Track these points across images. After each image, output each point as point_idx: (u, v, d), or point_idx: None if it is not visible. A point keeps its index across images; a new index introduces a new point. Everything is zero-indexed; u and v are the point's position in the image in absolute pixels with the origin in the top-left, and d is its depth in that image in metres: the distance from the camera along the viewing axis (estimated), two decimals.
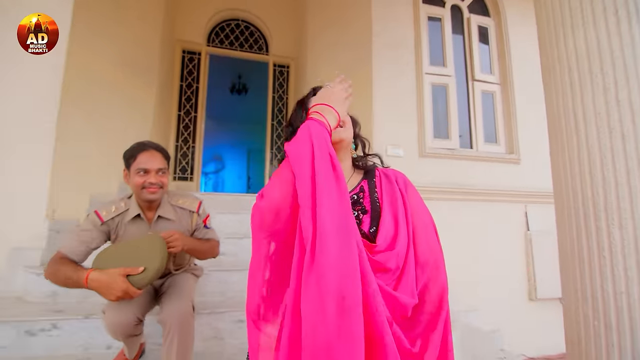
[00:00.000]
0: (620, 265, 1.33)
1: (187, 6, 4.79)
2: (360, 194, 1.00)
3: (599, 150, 1.41)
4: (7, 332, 1.78)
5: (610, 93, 1.40)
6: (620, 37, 1.41)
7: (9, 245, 2.27)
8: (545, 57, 1.70)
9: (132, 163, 1.54)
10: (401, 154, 3.14)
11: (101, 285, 1.31)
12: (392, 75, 3.22)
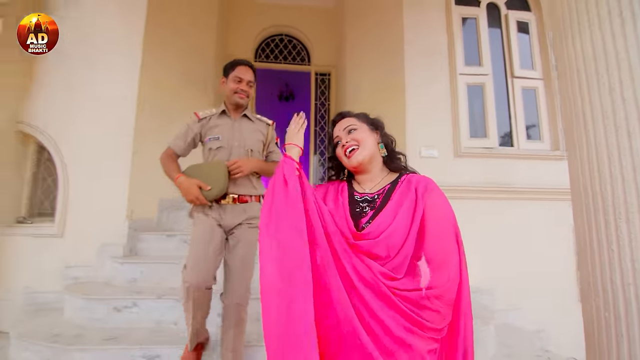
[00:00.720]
0: (627, 258, 1.39)
1: (237, 26, 5.26)
2: (380, 195, 1.12)
3: (606, 148, 1.48)
4: (100, 308, 2.23)
5: (616, 92, 1.46)
6: (625, 38, 1.47)
7: (98, 240, 2.79)
8: (558, 59, 1.77)
9: (230, 72, 1.88)
10: (436, 154, 3.24)
11: (183, 187, 1.73)
12: (425, 82, 3.34)
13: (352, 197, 1.15)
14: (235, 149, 1.87)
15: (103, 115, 3.03)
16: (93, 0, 3.18)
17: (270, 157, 2.00)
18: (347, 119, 1.23)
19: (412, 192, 1.07)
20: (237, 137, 1.88)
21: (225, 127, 1.88)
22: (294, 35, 5.56)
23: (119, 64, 3.14)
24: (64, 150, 2.94)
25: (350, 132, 1.18)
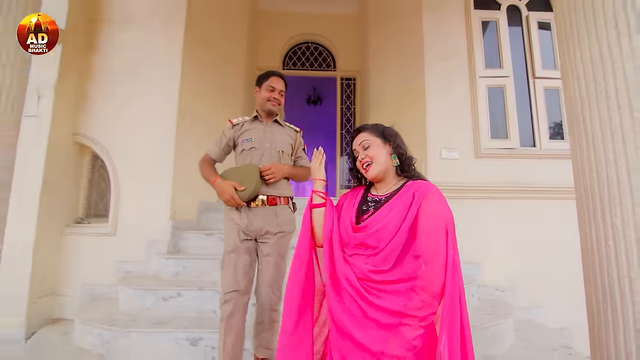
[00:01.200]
0: (622, 253, 1.50)
1: (265, 36, 5.56)
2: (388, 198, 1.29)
3: (604, 151, 1.59)
4: (149, 298, 2.55)
5: (612, 100, 1.57)
6: (621, 48, 1.57)
7: (146, 238, 3.14)
8: (561, 65, 1.88)
9: (264, 82, 2.07)
10: (456, 156, 3.35)
11: (219, 188, 1.89)
12: (445, 86, 3.45)
13: (364, 198, 1.35)
14: (267, 150, 2.02)
15: (147, 124, 3.38)
16: (139, 19, 3.53)
17: (299, 162, 2.17)
18: (362, 134, 1.37)
19: (409, 195, 1.21)
20: (268, 139, 2.03)
21: (257, 130, 2.05)
22: (320, 42, 5.79)
23: (160, 76, 3.47)
24: (114, 158, 3.31)
25: (366, 148, 1.34)
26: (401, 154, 1.34)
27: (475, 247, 3.17)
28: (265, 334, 1.92)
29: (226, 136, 2.08)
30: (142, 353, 2.19)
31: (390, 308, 1.12)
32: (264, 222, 1.94)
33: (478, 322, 2.43)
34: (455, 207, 3.12)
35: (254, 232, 1.94)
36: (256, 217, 1.93)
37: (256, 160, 1.99)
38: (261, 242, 1.96)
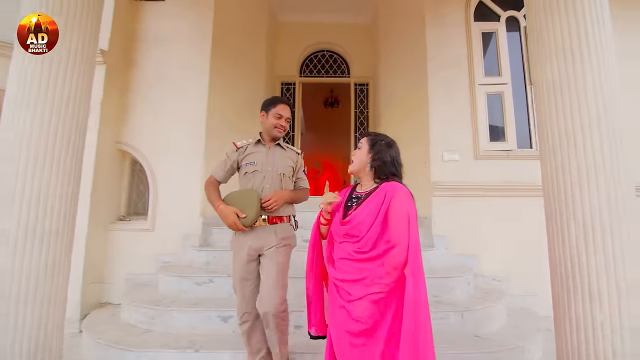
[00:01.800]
0: (574, 245, 1.79)
1: (283, 46, 5.95)
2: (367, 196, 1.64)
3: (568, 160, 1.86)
4: (185, 283, 2.98)
5: (575, 114, 1.85)
6: (583, 68, 1.87)
7: (180, 233, 3.58)
8: (533, 82, 2.17)
9: (271, 109, 2.15)
10: (457, 158, 3.65)
11: (222, 214, 2.01)
12: (447, 93, 3.75)
13: (350, 195, 1.72)
14: (269, 173, 2.12)
15: (179, 132, 3.82)
16: (172, 36, 3.97)
17: (299, 183, 2.29)
18: (363, 139, 1.76)
19: (382, 195, 1.57)
20: (270, 163, 2.14)
21: (260, 154, 2.15)
22: (334, 50, 6.14)
23: (190, 86, 3.89)
24: (152, 163, 3.77)
25: (356, 148, 1.75)
26: (378, 164, 1.66)
27: (473, 240, 3.48)
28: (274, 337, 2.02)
29: (230, 159, 2.19)
30: (182, 327, 2.62)
31: (365, 276, 1.51)
32: (264, 240, 2.06)
33: (470, 305, 2.74)
34: (456, 204, 3.46)
35: (256, 249, 2.06)
36: (257, 236, 2.06)
37: (258, 183, 2.10)
38: (262, 255, 2.09)
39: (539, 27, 2.06)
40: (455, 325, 2.61)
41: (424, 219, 3.65)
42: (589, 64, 1.84)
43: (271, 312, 1.94)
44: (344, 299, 1.53)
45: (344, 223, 1.62)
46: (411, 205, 1.53)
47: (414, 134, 4.00)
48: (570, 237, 1.82)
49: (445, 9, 3.96)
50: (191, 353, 2.31)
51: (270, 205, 2.03)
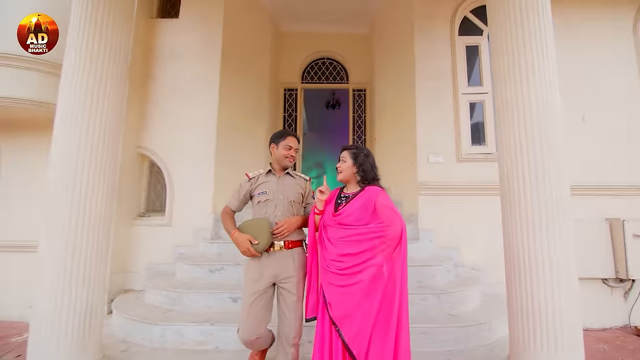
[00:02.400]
0: (519, 234, 2.20)
1: (286, 54, 6.36)
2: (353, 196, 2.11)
3: (516, 165, 2.28)
4: (200, 271, 3.43)
5: (522, 129, 2.28)
6: (529, 90, 2.29)
7: (194, 228, 4.03)
8: (495, 100, 2.59)
9: (281, 141, 2.32)
10: (441, 160, 4.06)
11: (236, 242, 2.16)
12: (432, 102, 4.16)
13: (339, 195, 2.16)
14: (280, 200, 2.26)
15: (193, 137, 4.26)
16: (185, 52, 4.41)
17: (308, 209, 2.40)
18: (344, 152, 2.21)
19: (367, 196, 2.05)
20: (281, 191, 2.28)
21: (271, 183, 2.31)
22: (334, 58, 6.54)
23: (202, 97, 4.31)
24: (168, 165, 4.22)
25: (340, 160, 2.19)
26: (362, 173, 2.14)
27: (455, 234, 3.89)
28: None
29: (243, 189, 2.35)
30: (199, 307, 3.07)
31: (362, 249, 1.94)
32: (283, 266, 2.19)
33: (447, 289, 3.16)
34: (440, 202, 3.90)
35: (273, 275, 2.18)
36: (276, 261, 2.19)
37: (271, 211, 2.25)
38: (281, 286, 2.19)
39: (497, 53, 2.48)
40: (433, 305, 3.04)
41: (411, 214, 4.07)
42: (533, 86, 2.25)
43: (291, 342, 2.14)
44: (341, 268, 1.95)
45: (336, 215, 2.06)
46: (389, 199, 2.04)
47: (402, 138, 4.42)
48: (517, 228, 2.25)
49: (433, 24, 4.36)
50: (208, 326, 2.76)
51: (281, 232, 2.18)
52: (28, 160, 4.29)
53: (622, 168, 4.18)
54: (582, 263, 3.84)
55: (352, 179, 2.16)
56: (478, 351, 2.72)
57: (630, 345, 3.43)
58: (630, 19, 4.53)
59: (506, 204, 2.37)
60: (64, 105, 2.43)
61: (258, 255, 2.16)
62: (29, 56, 3.75)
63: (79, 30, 2.50)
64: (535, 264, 2.14)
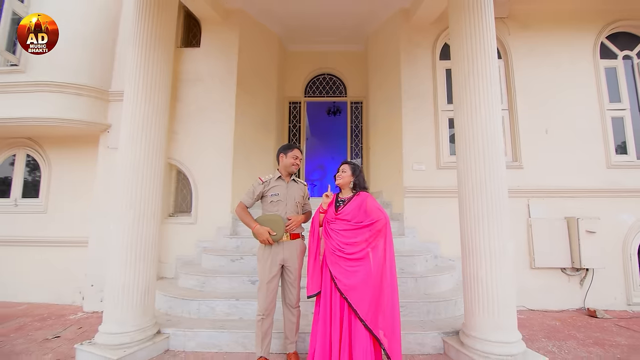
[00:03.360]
0: (469, 229, 2.94)
1: (291, 71, 7.11)
2: (348, 200, 2.86)
3: (468, 175, 3.02)
4: (223, 260, 4.19)
5: (471, 147, 3.01)
6: (479, 114, 3.02)
7: (215, 225, 4.80)
8: (455, 124, 3.32)
9: (289, 152, 2.95)
10: (423, 168, 4.80)
11: (257, 232, 2.75)
12: (416, 118, 4.90)
13: (337, 199, 2.90)
14: (289, 201, 2.92)
15: (213, 149, 5.02)
16: (206, 77, 5.17)
17: (305, 207, 3.11)
18: (344, 166, 2.94)
19: (360, 201, 2.78)
20: (289, 194, 2.95)
21: (281, 187, 2.95)
22: (334, 73, 7.29)
23: (220, 115, 5.05)
24: (193, 173, 4.98)
25: (339, 171, 2.92)
26: (356, 183, 2.89)
27: (435, 230, 4.63)
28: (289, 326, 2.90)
29: (257, 190, 2.93)
30: (224, 288, 3.82)
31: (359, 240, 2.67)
32: (290, 253, 2.86)
33: (426, 274, 3.90)
34: (422, 204, 4.74)
35: (283, 259, 2.83)
36: (285, 249, 2.85)
37: (282, 209, 2.89)
38: (287, 267, 2.87)
39: (456, 88, 3.24)
40: (411, 287, 3.78)
41: (398, 214, 4.82)
42: (479, 118, 2.98)
43: (294, 306, 2.90)
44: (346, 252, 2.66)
45: (337, 214, 2.81)
46: (376, 201, 2.80)
47: (391, 148, 5.17)
48: (467, 223, 2.99)
49: (416, 51, 5.11)
50: (234, 301, 3.52)
51: (290, 227, 2.86)
52: (75, 169, 5.10)
53: (579, 173, 4.90)
54: (545, 255, 4.62)
55: (347, 186, 2.90)
56: (445, 321, 3.46)
57: (579, 323, 4.15)
58: (590, 45, 5.24)
59: (461, 204, 3.11)
60: (127, 130, 3.20)
61: (274, 243, 2.79)
62: (79, 84, 4.58)
63: (136, 72, 3.27)
64: (480, 250, 2.87)
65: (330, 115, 10.66)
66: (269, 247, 2.83)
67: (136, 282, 3.02)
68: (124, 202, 3.08)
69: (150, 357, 2.98)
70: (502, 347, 2.71)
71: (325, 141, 11.73)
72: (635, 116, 5.19)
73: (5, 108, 4.50)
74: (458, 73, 3.23)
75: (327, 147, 11.93)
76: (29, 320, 4.08)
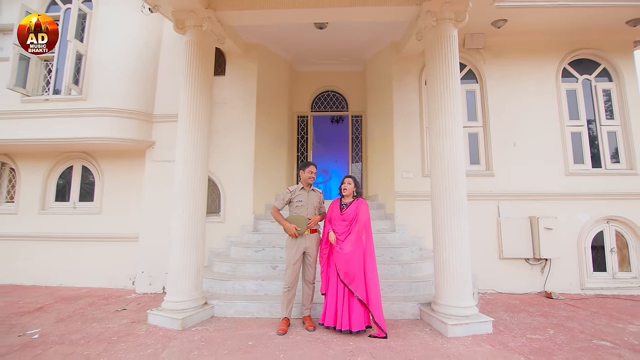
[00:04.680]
0: (438, 225, 3.97)
1: (299, 89, 8.13)
2: (349, 204, 3.90)
3: (437, 186, 4.05)
4: (248, 251, 5.24)
5: (439, 165, 4.03)
6: (445, 142, 4.02)
7: (241, 224, 5.84)
8: (429, 146, 4.33)
9: (306, 168, 3.95)
10: (411, 176, 5.81)
11: (287, 228, 3.79)
12: (405, 133, 5.92)
13: (340, 203, 3.94)
14: (309, 205, 3.95)
15: (237, 161, 6.05)
16: (230, 101, 6.22)
17: (321, 210, 4.07)
18: (348, 179, 3.99)
19: (357, 203, 3.84)
20: (310, 201, 3.97)
21: (303, 195, 3.98)
22: (337, 90, 8.31)
23: (242, 133, 6.10)
24: (221, 180, 6.02)
25: (344, 183, 3.96)
26: (357, 191, 3.95)
27: (420, 227, 5.64)
28: (306, 296, 3.93)
29: (286, 197, 3.99)
30: (251, 272, 4.86)
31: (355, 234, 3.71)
32: (310, 243, 3.88)
33: (411, 262, 4.92)
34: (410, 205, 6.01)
35: (305, 247, 3.86)
36: (306, 240, 3.88)
37: (304, 211, 3.92)
38: (307, 253, 3.89)
39: (430, 117, 4.24)
40: (398, 272, 4.79)
41: (390, 214, 5.84)
42: (446, 143, 3.99)
43: (311, 281, 3.95)
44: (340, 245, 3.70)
45: (342, 214, 3.84)
46: (366, 205, 3.84)
47: (385, 158, 6.19)
48: (437, 219, 4.00)
49: (406, 78, 6.13)
50: (260, 281, 4.57)
51: (311, 225, 3.90)
52: (123, 177, 6.18)
53: (542, 180, 5.90)
54: (511, 248, 5.62)
55: (351, 194, 3.93)
56: (422, 296, 4.46)
57: (535, 302, 5.14)
58: (554, 70, 6.22)
59: (432, 206, 4.12)
60: (181, 152, 4.25)
61: (298, 236, 3.86)
62: (130, 109, 5.65)
63: (186, 109, 4.32)
64: (445, 240, 3.88)
65: (333, 123, 11.68)
66: (295, 238, 3.86)
67: (190, 265, 4.07)
68: (181, 206, 4.13)
69: (202, 320, 4.03)
70: (459, 310, 3.73)
71: (329, 146, 12.72)
72: (592, 130, 6.18)
73: (71, 130, 5.58)
74: (430, 107, 4.25)
75: (331, 152, 12.93)
76: (95, 299, 5.15)
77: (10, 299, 5.12)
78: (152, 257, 5.65)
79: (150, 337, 3.59)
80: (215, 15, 4.60)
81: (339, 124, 11.60)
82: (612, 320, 4.25)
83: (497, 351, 3.26)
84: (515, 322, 4.14)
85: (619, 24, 5.88)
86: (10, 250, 6.16)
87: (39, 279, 6.02)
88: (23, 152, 6.36)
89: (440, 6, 4.20)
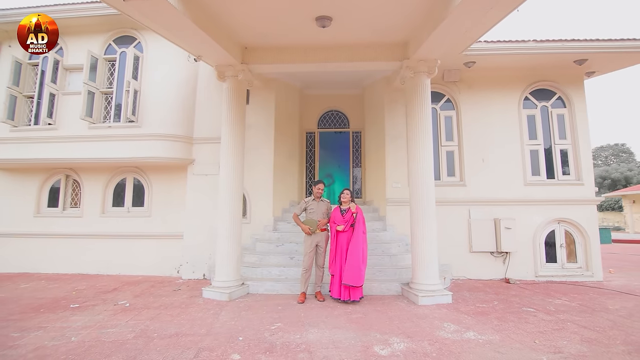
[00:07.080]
0: (415, 224, 5.45)
1: (307, 109, 9.58)
2: (348, 210, 5.37)
3: (413, 193, 5.52)
4: (271, 246, 6.72)
5: (415, 178, 5.50)
6: (419, 168, 5.49)
7: (263, 224, 7.30)
8: (408, 161, 5.81)
9: (315, 185, 5.60)
10: (399, 185, 7.27)
11: (303, 229, 5.47)
12: (395, 151, 7.38)
13: (340, 209, 5.41)
14: (319, 212, 5.49)
15: (259, 173, 7.52)
16: (254, 124, 7.68)
17: (327, 215, 5.55)
18: (346, 191, 5.49)
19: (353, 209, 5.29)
20: (320, 209, 5.52)
21: (314, 204, 5.55)
22: (339, 110, 9.75)
23: (264, 150, 7.58)
24: (247, 189, 7.47)
25: (343, 194, 5.44)
26: (353, 199, 5.44)
27: (406, 227, 7.08)
28: (317, 277, 5.52)
29: (302, 206, 5.57)
30: (274, 262, 6.33)
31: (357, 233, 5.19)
32: (320, 239, 5.44)
33: (397, 254, 6.37)
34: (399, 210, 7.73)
35: (316, 241, 5.41)
36: (317, 237, 5.43)
37: (315, 216, 5.43)
38: (319, 245, 5.43)
39: (410, 143, 5.70)
40: (387, 261, 6.24)
41: (383, 216, 7.30)
42: (419, 165, 5.45)
43: (322, 266, 5.50)
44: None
45: (343, 216, 5.31)
46: (360, 210, 5.29)
47: (378, 170, 7.65)
48: (414, 220, 5.46)
49: (395, 106, 7.58)
50: (282, 268, 6.04)
51: (320, 226, 5.44)
52: (168, 189, 7.67)
53: (505, 189, 7.35)
54: (479, 243, 7.07)
55: (348, 201, 5.38)
56: (404, 279, 5.91)
57: (495, 286, 6.59)
58: (517, 98, 7.66)
59: (411, 209, 5.58)
60: (224, 171, 5.73)
61: (311, 234, 5.38)
62: (176, 134, 7.15)
63: (227, 139, 5.79)
64: (418, 234, 5.33)
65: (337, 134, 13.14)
66: (309, 236, 5.36)
67: (233, 253, 5.56)
68: (226, 211, 5.62)
69: (241, 295, 5.52)
70: (428, 287, 5.18)
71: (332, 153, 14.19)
72: (547, 149, 7.60)
73: (128, 150, 7.08)
74: (409, 136, 5.70)
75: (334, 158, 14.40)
76: (153, 283, 6.64)
77: (87, 283, 6.62)
78: (194, 251, 7.15)
79: (208, 305, 5.07)
80: (247, 67, 6.07)
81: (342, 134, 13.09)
82: (547, 297, 5.69)
83: (450, 313, 4.71)
84: (472, 298, 5.60)
85: (569, 62, 7.29)
86: (78, 246, 7.66)
87: (102, 269, 7.52)
88: (86, 167, 7.86)
89: (416, 63, 5.66)
